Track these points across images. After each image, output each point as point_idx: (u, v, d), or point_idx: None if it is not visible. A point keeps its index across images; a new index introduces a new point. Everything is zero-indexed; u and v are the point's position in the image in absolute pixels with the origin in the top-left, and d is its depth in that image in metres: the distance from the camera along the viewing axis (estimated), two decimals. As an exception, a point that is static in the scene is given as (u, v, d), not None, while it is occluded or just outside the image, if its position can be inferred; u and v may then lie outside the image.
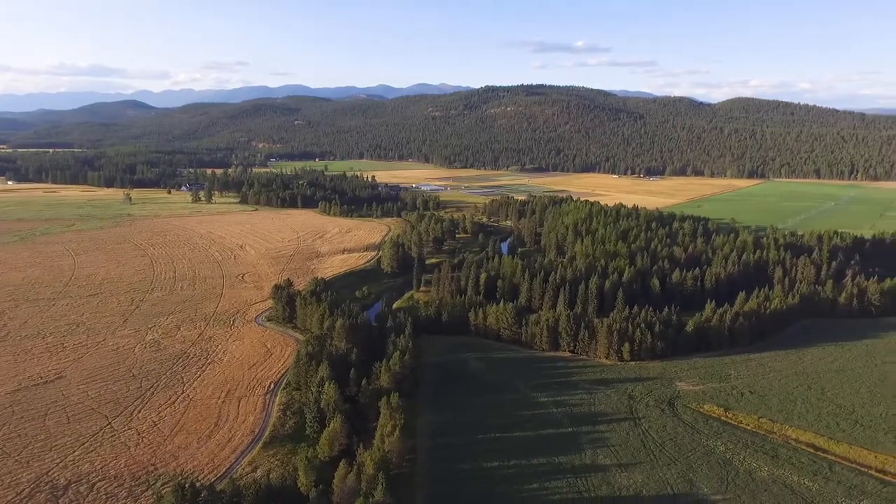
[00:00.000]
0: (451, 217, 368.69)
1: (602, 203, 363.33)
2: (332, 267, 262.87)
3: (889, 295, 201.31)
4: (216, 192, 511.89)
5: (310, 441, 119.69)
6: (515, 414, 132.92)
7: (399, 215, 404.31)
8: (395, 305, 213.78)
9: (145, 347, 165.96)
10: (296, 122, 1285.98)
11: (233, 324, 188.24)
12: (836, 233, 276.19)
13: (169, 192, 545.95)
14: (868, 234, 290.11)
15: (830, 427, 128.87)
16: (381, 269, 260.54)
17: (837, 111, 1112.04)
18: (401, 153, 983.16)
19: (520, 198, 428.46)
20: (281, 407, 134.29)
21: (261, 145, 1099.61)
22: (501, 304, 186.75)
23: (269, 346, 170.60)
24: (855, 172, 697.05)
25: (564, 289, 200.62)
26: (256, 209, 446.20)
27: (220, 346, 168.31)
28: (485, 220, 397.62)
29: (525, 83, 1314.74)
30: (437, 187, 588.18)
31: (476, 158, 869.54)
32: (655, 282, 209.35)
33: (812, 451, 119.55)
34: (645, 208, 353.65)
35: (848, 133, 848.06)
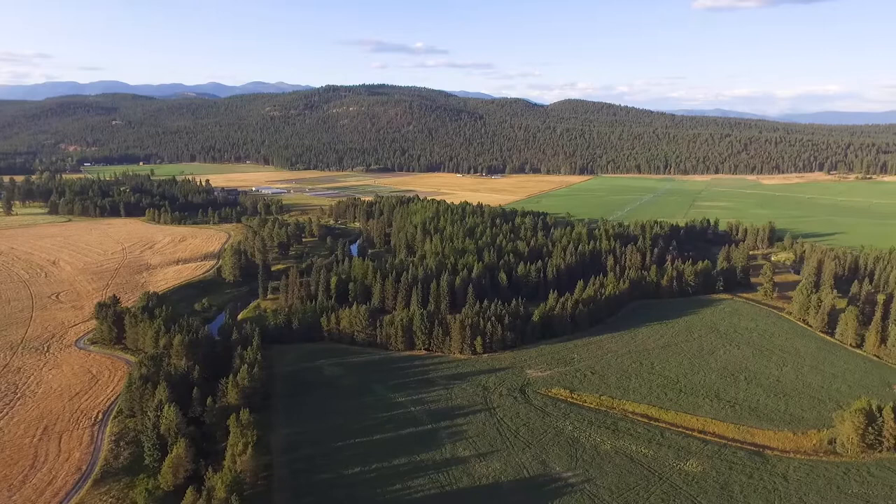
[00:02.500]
0: (296, 221, 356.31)
1: (448, 202, 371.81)
2: (166, 279, 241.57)
3: (701, 275, 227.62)
4: (17, 203, 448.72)
5: (150, 471, 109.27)
6: (375, 417, 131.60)
7: (239, 221, 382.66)
8: (240, 316, 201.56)
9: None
10: (114, 123, 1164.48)
11: (48, 350, 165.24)
12: (656, 222, 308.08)
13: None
14: (682, 222, 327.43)
15: (660, 398, 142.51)
16: (222, 279, 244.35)
17: (652, 112, 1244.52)
18: (237, 155, 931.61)
19: (367, 199, 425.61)
20: (113, 438, 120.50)
21: (72, 148, 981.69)
22: (354, 306, 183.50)
23: (94, 371, 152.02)
24: (669, 167, 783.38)
25: (417, 288, 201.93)
26: (70, 220, 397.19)
27: (32, 377, 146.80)
28: (332, 222, 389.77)
29: (367, 83, 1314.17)
30: (279, 190, 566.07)
31: (319, 159, 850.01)
32: (502, 276, 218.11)
33: (646, 421, 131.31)
34: (489, 205, 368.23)
35: (661, 132, 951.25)
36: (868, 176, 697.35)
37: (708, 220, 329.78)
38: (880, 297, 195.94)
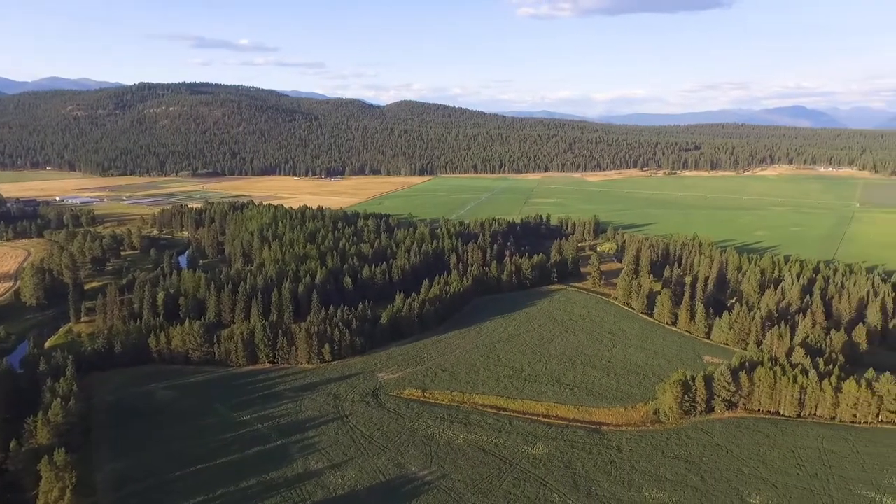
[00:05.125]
0: (112, 232, 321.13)
1: (287, 206, 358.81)
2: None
3: (538, 268, 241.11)
4: None
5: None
6: (217, 440, 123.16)
7: (41, 235, 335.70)
8: (47, 344, 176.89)
9: None
10: None
11: None
12: (494, 219, 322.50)
13: None
14: (518, 219, 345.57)
15: (507, 388, 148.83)
16: (22, 303, 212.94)
17: (485, 114, 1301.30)
18: (35, 160, 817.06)
19: (195, 206, 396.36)
20: None
21: None
22: (187, 323, 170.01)
23: None
24: (503, 166, 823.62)
25: (256, 298, 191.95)
26: None
27: None
28: (156, 232, 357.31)
29: (188, 81, 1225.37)
30: (90, 199, 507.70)
31: (137, 164, 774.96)
32: (348, 280, 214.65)
33: (495, 411, 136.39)
34: (330, 208, 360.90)
35: (495, 133, 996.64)
36: (673, 171, 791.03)
37: (541, 216, 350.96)
38: (688, 279, 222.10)
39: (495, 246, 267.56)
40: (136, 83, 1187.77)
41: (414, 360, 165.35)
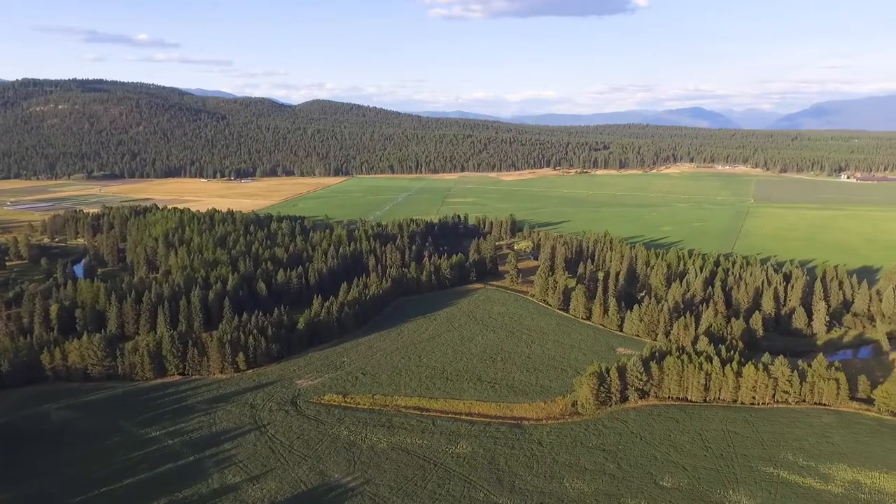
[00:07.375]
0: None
1: (194, 209, 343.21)
2: None
3: (456, 268, 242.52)
4: None
5: None
6: (123, 459, 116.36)
7: None
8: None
9: None
10: None
11: None
12: (412, 220, 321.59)
13: None
14: (436, 219, 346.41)
15: (429, 388, 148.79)
16: None
17: (400, 114, 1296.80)
18: None
19: (92, 210, 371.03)
20: None
21: None
22: (85, 336, 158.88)
23: None
24: (420, 167, 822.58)
25: (163, 307, 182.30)
26: None
27: None
28: (46, 240, 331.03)
29: (79, 77, 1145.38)
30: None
31: (23, 167, 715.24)
32: (262, 285, 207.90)
33: (418, 412, 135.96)
34: (241, 211, 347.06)
35: (411, 133, 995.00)
36: (585, 170, 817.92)
37: (458, 216, 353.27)
38: (600, 275, 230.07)
39: (414, 246, 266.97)
40: (19, 79, 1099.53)
41: (333, 365, 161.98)
